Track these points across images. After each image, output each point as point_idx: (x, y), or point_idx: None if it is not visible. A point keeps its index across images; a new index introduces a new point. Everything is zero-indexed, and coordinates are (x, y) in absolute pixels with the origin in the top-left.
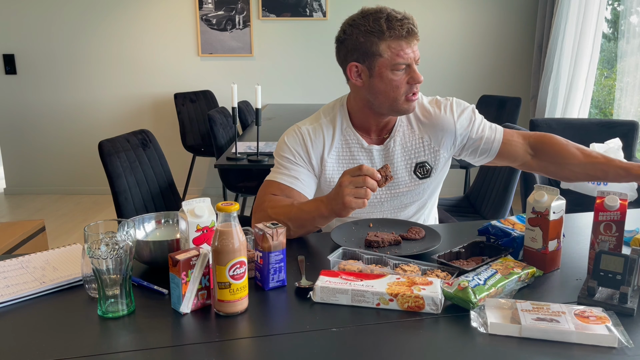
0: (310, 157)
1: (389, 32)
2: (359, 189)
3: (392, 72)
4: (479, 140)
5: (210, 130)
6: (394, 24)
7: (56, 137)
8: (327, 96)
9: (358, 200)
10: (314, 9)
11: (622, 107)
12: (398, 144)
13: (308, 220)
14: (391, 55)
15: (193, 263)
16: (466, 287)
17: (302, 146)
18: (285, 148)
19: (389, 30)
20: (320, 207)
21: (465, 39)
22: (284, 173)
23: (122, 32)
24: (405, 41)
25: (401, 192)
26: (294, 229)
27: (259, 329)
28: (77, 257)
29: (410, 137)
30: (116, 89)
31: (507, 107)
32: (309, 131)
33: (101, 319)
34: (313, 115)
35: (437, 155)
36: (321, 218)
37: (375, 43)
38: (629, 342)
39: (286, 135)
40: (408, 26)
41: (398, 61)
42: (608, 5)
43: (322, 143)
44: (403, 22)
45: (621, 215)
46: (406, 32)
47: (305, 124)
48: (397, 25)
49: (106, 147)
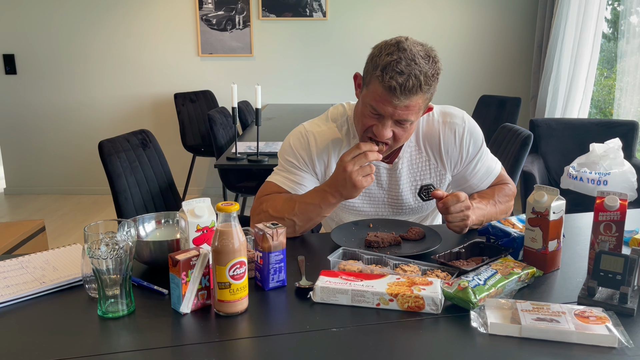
0: (315, 164)
1: (380, 73)
2: (364, 168)
3: (366, 107)
4: (469, 177)
5: (210, 130)
6: (387, 71)
7: (56, 137)
8: (327, 96)
9: (367, 177)
10: (314, 9)
11: (622, 107)
12: (405, 164)
13: (315, 211)
14: (370, 94)
15: (193, 263)
16: (466, 287)
17: (306, 151)
18: (290, 151)
19: (381, 72)
20: (326, 196)
21: (465, 39)
22: (287, 177)
23: (122, 32)
24: (387, 93)
25: (404, 211)
26: (301, 224)
27: (259, 329)
28: (77, 257)
29: (417, 158)
30: (116, 89)
31: (507, 107)
32: (315, 136)
33: (101, 319)
34: (321, 117)
35: (442, 178)
36: (329, 206)
37: (369, 74)
38: (629, 342)
39: (292, 137)
40: (394, 83)
41: (372, 104)
42: (608, 5)
43: (328, 151)
44: (398, 75)
45: (621, 216)
46: (389, 87)
47: (313, 127)
48: (387, 75)
49: (106, 147)
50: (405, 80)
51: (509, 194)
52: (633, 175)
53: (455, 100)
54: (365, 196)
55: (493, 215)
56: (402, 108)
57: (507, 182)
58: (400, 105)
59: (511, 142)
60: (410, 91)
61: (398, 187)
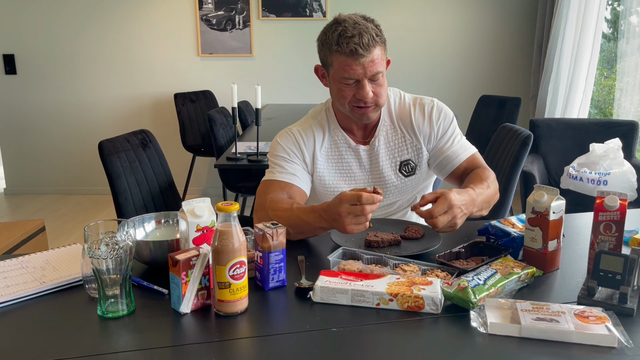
0: (304, 155)
1: (337, 47)
2: (359, 217)
3: (341, 83)
4: (444, 150)
5: (210, 130)
6: (342, 40)
7: (56, 137)
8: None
9: (359, 226)
10: (314, 9)
11: (622, 107)
12: (382, 143)
13: (308, 229)
14: (338, 69)
15: (193, 263)
16: (466, 287)
17: (295, 144)
18: (279, 148)
19: (337, 45)
20: (320, 220)
21: (465, 39)
22: (281, 171)
23: (123, 32)
24: (352, 59)
25: (389, 190)
26: (295, 234)
27: (259, 329)
28: (77, 257)
29: (393, 136)
30: (116, 89)
31: (507, 107)
32: (300, 132)
33: (101, 319)
34: (302, 119)
35: (420, 153)
36: (322, 229)
37: (327, 55)
38: (629, 342)
39: (278, 137)
40: (352, 45)
41: (344, 75)
42: (608, 5)
43: (313, 142)
44: (350, 39)
45: (621, 215)
46: (350, 51)
47: (296, 126)
48: (344, 42)
49: (106, 147)
50: (359, 39)
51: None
52: (633, 175)
53: (455, 100)
54: (349, 180)
55: (491, 198)
56: (369, 64)
57: (486, 167)
58: (366, 62)
59: (511, 142)
60: (368, 45)
61: (378, 165)
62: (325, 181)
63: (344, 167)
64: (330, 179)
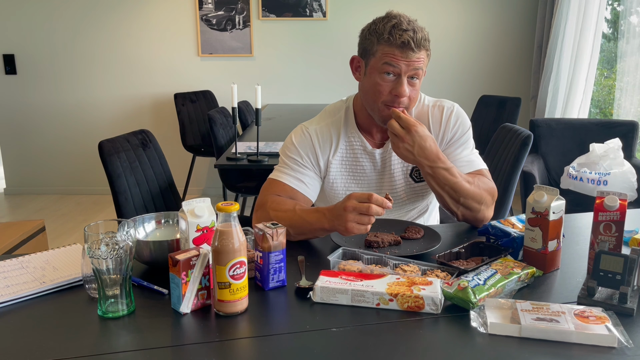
0: (318, 159)
1: (388, 36)
2: (362, 216)
3: (380, 75)
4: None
5: (210, 130)
6: (395, 31)
7: (56, 137)
8: (327, 96)
9: (360, 226)
10: (314, 9)
11: (622, 107)
12: None
13: (309, 230)
14: (381, 58)
15: (193, 263)
16: (466, 287)
17: (310, 147)
18: (293, 149)
19: (389, 35)
20: (323, 220)
21: (465, 39)
22: (290, 174)
23: (122, 32)
24: (400, 50)
25: (399, 195)
26: (295, 235)
27: (259, 329)
28: (77, 257)
29: None
30: (116, 89)
31: (507, 107)
32: (317, 132)
33: (101, 319)
34: (318, 115)
35: None
36: (322, 231)
37: (374, 43)
38: (629, 342)
39: (294, 135)
40: (406, 37)
41: (387, 62)
42: (608, 5)
43: (329, 145)
44: (405, 32)
45: (621, 216)
46: (401, 42)
47: (313, 124)
48: (397, 33)
49: (106, 147)
50: (413, 34)
51: (488, 189)
52: (633, 175)
53: (455, 100)
54: (361, 182)
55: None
56: (415, 60)
57: (490, 180)
58: (413, 58)
59: (511, 142)
60: (420, 43)
61: (390, 168)
62: (337, 184)
63: (358, 170)
64: (341, 182)
